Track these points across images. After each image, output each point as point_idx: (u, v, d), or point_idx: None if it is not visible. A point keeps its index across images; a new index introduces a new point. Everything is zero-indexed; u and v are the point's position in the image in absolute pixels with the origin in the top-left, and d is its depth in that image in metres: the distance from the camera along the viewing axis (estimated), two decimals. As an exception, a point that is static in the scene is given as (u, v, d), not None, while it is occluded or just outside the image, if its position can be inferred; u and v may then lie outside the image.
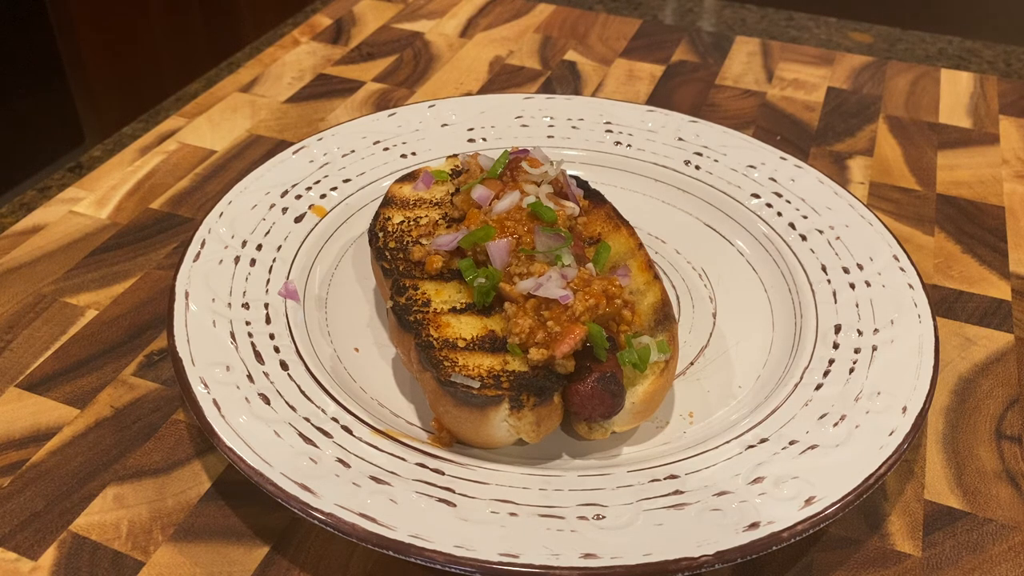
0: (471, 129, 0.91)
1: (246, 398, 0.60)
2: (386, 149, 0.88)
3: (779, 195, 0.83)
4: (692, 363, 0.69)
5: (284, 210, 0.78)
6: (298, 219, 0.78)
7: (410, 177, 0.79)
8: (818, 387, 0.64)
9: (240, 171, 0.92)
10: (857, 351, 0.66)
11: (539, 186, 0.70)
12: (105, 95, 2.20)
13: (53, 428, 0.64)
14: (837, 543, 0.58)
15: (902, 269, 0.73)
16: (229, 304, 0.68)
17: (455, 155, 0.84)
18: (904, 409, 0.60)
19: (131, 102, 2.02)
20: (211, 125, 1.00)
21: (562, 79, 1.12)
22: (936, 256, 0.84)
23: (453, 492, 0.55)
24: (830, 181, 0.83)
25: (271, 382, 0.62)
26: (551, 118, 0.93)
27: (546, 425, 0.58)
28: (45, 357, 0.69)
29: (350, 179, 0.84)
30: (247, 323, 0.67)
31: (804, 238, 0.78)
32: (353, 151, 0.87)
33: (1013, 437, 0.66)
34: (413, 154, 0.88)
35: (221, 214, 0.76)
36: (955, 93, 1.10)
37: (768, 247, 0.79)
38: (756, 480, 0.56)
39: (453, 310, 0.64)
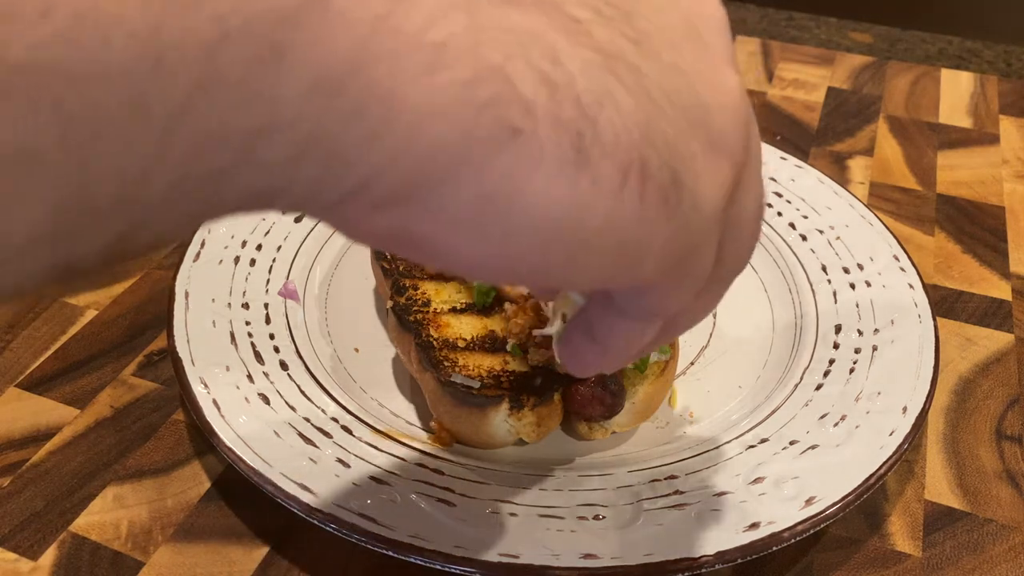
0: (471, 129, 0.91)
1: (246, 398, 0.60)
2: (386, 149, 0.88)
3: (779, 195, 0.82)
4: (692, 363, 0.69)
5: (284, 210, 0.78)
6: (298, 219, 0.78)
7: (410, 177, 0.79)
8: (818, 387, 0.64)
9: (240, 171, 0.91)
10: (857, 351, 0.66)
11: (539, 186, 0.69)
12: (105, 95, 2.20)
13: (53, 428, 0.64)
14: (837, 543, 0.58)
15: (902, 269, 0.73)
16: (229, 304, 0.68)
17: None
18: (904, 409, 0.60)
19: (131, 102, 2.02)
20: (211, 125, 0.99)
21: (562, 79, 1.12)
22: (936, 256, 0.84)
23: (453, 492, 0.55)
24: (830, 181, 0.83)
25: (271, 382, 0.62)
26: (551, 118, 0.93)
27: (546, 425, 0.58)
28: (45, 357, 0.69)
29: (350, 179, 0.84)
30: (247, 323, 0.67)
31: (804, 238, 0.78)
32: (353, 151, 0.87)
33: (1013, 437, 0.66)
34: (413, 154, 0.88)
35: (221, 214, 0.76)
36: (955, 93, 1.10)
37: (768, 247, 0.79)
38: (756, 480, 0.56)
39: (453, 310, 0.64)
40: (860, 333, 0.68)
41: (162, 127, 0.21)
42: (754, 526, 0.53)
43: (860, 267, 0.74)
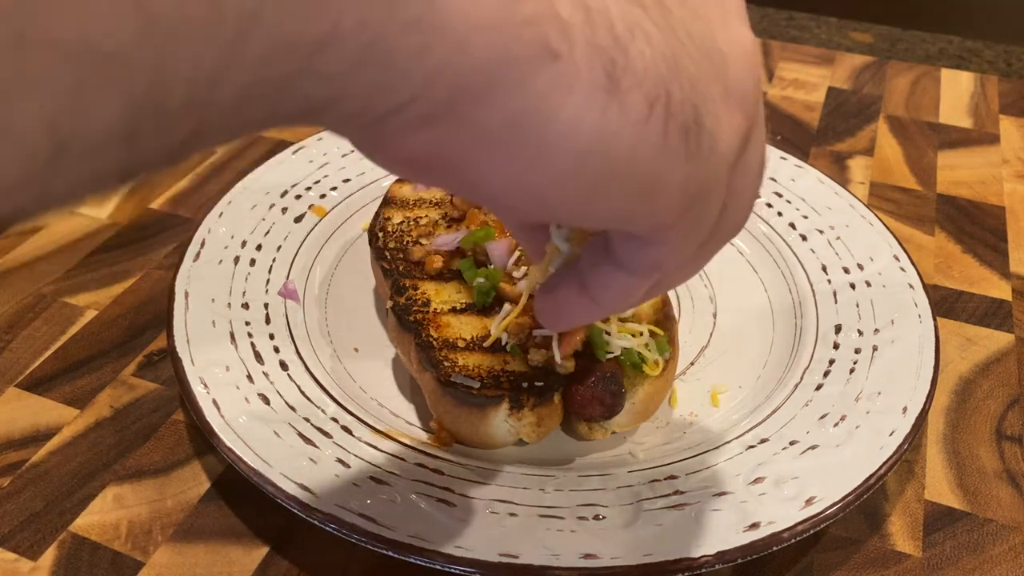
0: (471, 129, 0.91)
1: (246, 398, 0.60)
2: (386, 149, 0.88)
3: (779, 195, 0.82)
4: (692, 363, 0.69)
5: (284, 210, 0.78)
6: (298, 219, 0.78)
7: (410, 177, 0.79)
8: (818, 387, 0.64)
9: (240, 171, 0.91)
10: (857, 351, 0.66)
11: (539, 186, 0.69)
12: (105, 95, 2.20)
13: (53, 428, 0.64)
14: (837, 543, 0.58)
15: (902, 269, 0.73)
16: (229, 304, 0.68)
17: (455, 155, 0.83)
18: (904, 409, 0.60)
19: (131, 102, 2.01)
20: (211, 125, 0.99)
21: (562, 79, 1.12)
22: (936, 256, 0.84)
23: (452, 492, 0.55)
24: (830, 181, 0.83)
25: (271, 382, 0.62)
26: (551, 118, 0.93)
27: (546, 425, 0.58)
28: (45, 357, 0.69)
29: (350, 179, 0.84)
30: (247, 323, 0.67)
31: (804, 238, 0.78)
32: (353, 151, 0.87)
33: (1013, 437, 0.66)
34: (413, 154, 0.88)
35: (221, 214, 0.76)
36: (955, 93, 1.10)
37: (768, 247, 0.79)
38: (756, 480, 0.56)
39: (453, 310, 0.64)
40: (860, 333, 0.68)
41: (233, 31, 0.22)
42: (754, 526, 0.53)
43: (860, 267, 0.74)
